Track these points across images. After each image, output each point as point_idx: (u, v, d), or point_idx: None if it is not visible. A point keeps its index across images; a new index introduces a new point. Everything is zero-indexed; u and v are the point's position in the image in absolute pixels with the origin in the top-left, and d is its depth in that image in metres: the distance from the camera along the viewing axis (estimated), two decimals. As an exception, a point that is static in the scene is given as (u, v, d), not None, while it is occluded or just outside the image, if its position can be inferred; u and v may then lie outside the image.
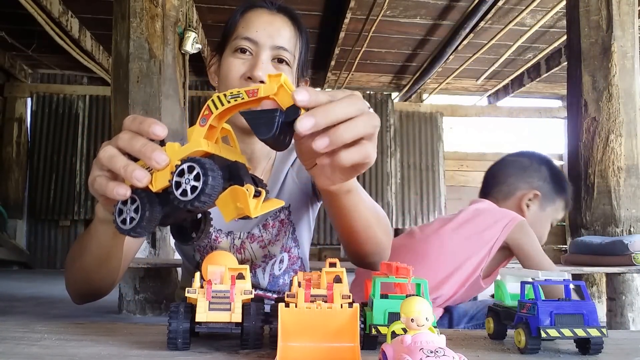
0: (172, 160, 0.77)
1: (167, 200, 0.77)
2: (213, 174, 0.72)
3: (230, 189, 0.76)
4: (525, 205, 2.13)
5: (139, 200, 0.79)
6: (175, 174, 0.74)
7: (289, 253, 1.59)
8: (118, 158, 0.82)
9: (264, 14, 1.44)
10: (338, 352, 0.71)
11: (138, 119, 0.84)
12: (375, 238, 1.21)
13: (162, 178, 0.77)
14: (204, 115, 0.77)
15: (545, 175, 2.17)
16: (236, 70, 1.40)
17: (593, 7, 4.15)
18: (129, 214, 0.79)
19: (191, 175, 0.72)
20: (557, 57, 8.53)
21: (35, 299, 5.52)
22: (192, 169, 0.73)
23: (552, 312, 0.79)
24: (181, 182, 0.73)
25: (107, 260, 1.13)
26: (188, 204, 0.72)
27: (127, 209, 0.80)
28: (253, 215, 0.76)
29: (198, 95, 9.85)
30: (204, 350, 0.79)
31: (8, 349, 0.78)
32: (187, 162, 0.73)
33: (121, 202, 0.81)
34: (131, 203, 0.79)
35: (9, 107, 9.64)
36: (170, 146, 0.79)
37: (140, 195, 0.79)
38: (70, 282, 1.24)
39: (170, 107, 4.41)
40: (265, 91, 0.74)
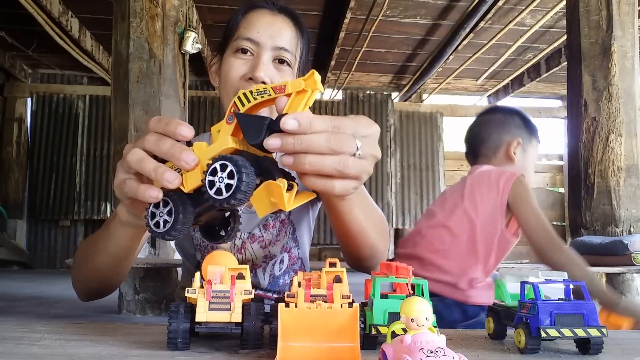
0: (201, 160, 0.77)
1: (199, 200, 0.78)
2: (246, 170, 0.72)
3: (264, 185, 0.76)
4: (512, 153, 2.38)
5: (172, 203, 0.78)
6: (208, 174, 0.74)
7: (289, 253, 1.59)
8: (147, 161, 0.81)
9: (265, 15, 1.44)
10: (338, 352, 0.71)
11: (164, 120, 0.83)
12: (369, 242, 1.20)
13: (193, 178, 0.77)
14: (230, 113, 0.77)
15: (519, 123, 2.45)
16: (237, 71, 1.40)
17: (593, 7, 4.16)
18: (162, 217, 0.79)
19: (224, 174, 0.72)
20: (557, 57, 8.53)
21: (35, 299, 5.52)
22: (225, 167, 0.72)
23: (552, 312, 0.79)
24: (215, 181, 0.73)
25: (124, 260, 1.15)
26: (224, 202, 0.72)
27: (160, 212, 0.79)
28: (287, 209, 0.76)
29: (198, 95, 9.85)
30: (203, 350, 0.79)
31: (8, 349, 0.78)
32: (220, 161, 0.73)
33: (153, 205, 0.80)
34: (164, 206, 0.79)
35: (9, 107, 9.64)
36: (198, 146, 0.79)
37: (172, 197, 0.78)
38: (80, 280, 1.26)
39: (171, 107, 4.41)
40: (293, 87, 0.75)
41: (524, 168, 2.39)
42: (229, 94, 1.41)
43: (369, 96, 10.29)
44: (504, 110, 2.54)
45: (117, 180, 0.87)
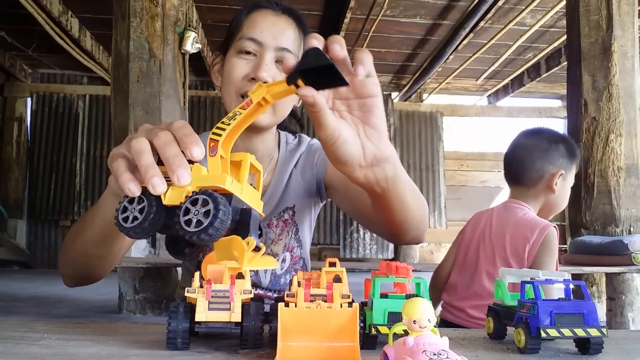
0: (193, 182, 0.76)
1: (171, 216, 0.76)
2: (223, 217, 0.71)
3: (231, 238, 0.75)
4: (554, 185, 2.34)
5: (147, 203, 0.77)
6: (189, 201, 0.72)
7: (291, 253, 1.59)
8: (146, 155, 0.79)
9: (269, 15, 1.44)
10: (338, 352, 0.71)
11: (186, 129, 0.81)
12: (418, 218, 1.16)
13: (176, 194, 0.76)
14: (211, 147, 0.76)
15: (563, 152, 2.36)
16: (240, 71, 1.39)
17: (593, 6, 4.15)
18: (133, 213, 0.77)
19: (202, 209, 0.71)
20: (557, 57, 8.53)
21: (35, 299, 5.52)
22: (206, 203, 0.71)
23: (552, 311, 0.79)
24: (190, 210, 0.72)
25: (110, 238, 1.11)
26: (187, 234, 0.71)
27: (133, 208, 0.77)
28: (243, 267, 0.76)
29: (198, 95, 9.85)
30: (203, 350, 0.79)
31: (8, 349, 0.78)
32: (205, 195, 0.72)
33: (128, 200, 0.78)
34: (138, 203, 0.77)
35: (9, 107, 9.65)
36: (197, 168, 0.77)
37: (149, 198, 0.77)
38: (67, 261, 1.22)
39: (170, 107, 4.41)
40: (257, 96, 0.77)
41: (561, 196, 2.41)
42: (231, 94, 1.41)
43: (369, 96, 10.28)
44: (549, 137, 2.45)
45: (114, 151, 0.86)
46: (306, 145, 1.65)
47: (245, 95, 1.37)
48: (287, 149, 1.62)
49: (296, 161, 1.60)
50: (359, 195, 1.21)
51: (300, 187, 1.58)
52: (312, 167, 1.58)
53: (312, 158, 1.59)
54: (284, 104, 1.45)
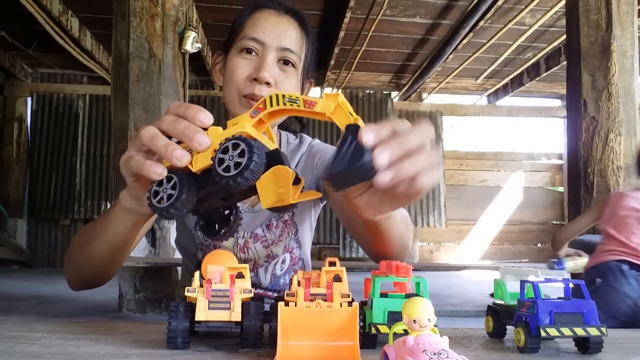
0: (214, 143, 0.77)
1: (204, 182, 0.78)
2: (258, 151, 0.72)
3: (274, 169, 0.76)
4: None
5: (177, 179, 0.77)
6: (219, 152, 0.74)
7: (291, 254, 1.59)
8: (159, 137, 0.81)
9: (271, 15, 1.43)
10: (337, 351, 0.71)
11: (184, 105, 0.84)
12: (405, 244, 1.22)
13: (203, 159, 0.77)
14: (257, 108, 0.78)
15: None
16: (242, 71, 1.39)
17: (592, 6, 4.16)
18: (166, 192, 0.78)
19: (236, 152, 0.73)
20: (556, 57, 8.53)
21: (35, 298, 5.52)
22: (237, 146, 0.73)
23: (551, 311, 0.79)
24: (224, 159, 0.73)
25: (120, 249, 1.13)
26: (230, 180, 0.72)
27: (164, 188, 0.78)
28: (292, 201, 0.77)
29: (198, 94, 9.85)
30: (203, 349, 0.79)
31: (8, 348, 0.78)
32: (233, 140, 0.74)
33: (156, 184, 0.79)
34: (168, 181, 0.78)
35: (9, 107, 9.64)
36: (214, 130, 0.79)
37: (177, 174, 0.78)
38: (72, 268, 1.24)
39: (170, 107, 4.41)
40: (322, 108, 0.75)
41: None
42: (233, 94, 1.41)
43: (368, 95, 10.29)
44: None
45: (124, 156, 0.87)
46: (307, 146, 1.64)
47: (247, 96, 1.38)
48: (288, 149, 1.62)
49: (297, 162, 1.60)
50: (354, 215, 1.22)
51: None
52: (313, 169, 1.57)
53: (313, 159, 1.58)
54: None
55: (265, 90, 1.36)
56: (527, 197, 11.09)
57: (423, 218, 10.29)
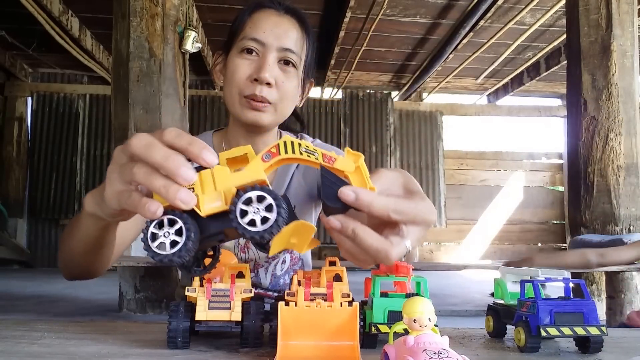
0: (224, 186, 0.70)
1: (210, 226, 0.71)
2: (285, 206, 0.69)
3: (295, 224, 0.71)
4: None
5: (182, 224, 0.69)
6: (242, 201, 0.68)
7: (291, 254, 1.59)
8: (156, 175, 0.70)
9: (271, 15, 1.43)
10: (338, 351, 0.71)
11: (186, 138, 0.72)
12: None
13: (211, 200, 0.70)
14: (269, 152, 0.73)
15: None
16: (242, 72, 1.38)
17: (592, 5, 4.15)
18: (169, 238, 0.69)
19: (262, 205, 0.68)
20: (556, 56, 8.53)
21: (35, 298, 5.52)
22: (263, 199, 0.68)
23: (551, 310, 0.79)
24: (248, 211, 0.68)
25: (97, 249, 1.09)
26: (257, 235, 0.68)
27: (166, 232, 0.69)
28: (303, 252, 0.76)
29: (198, 94, 9.84)
30: (203, 349, 0.79)
31: (8, 348, 0.78)
32: (256, 191, 0.69)
33: (154, 225, 0.70)
34: (170, 225, 0.70)
35: (10, 106, 9.64)
36: (220, 170, 0.71)
37: (182, 217, 0.70)
38: (62, 260, 1.22)
39: (171, 106, 4.41)
40: (343, 166, 0.72)
41: None
42: (233, 95, 1.40)
43: (368, 95, 10.29)
44: None
45: (112, 189, 0.76)
46: None
47: (247, 97, 1.38)
48: None
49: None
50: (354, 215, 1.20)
51: (301, 189, 1.58)
52: (314, 170, 1.56)
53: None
54: (286, 104, 1.44)
55: (266, 91, 1.36)
56: (527, 196, 11.09)
57: (423, 217, 10.27)
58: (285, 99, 1.42)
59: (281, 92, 1.40)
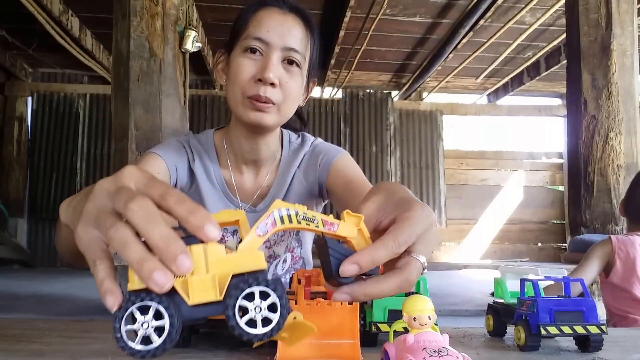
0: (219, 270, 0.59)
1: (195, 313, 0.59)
2: (287, 304, 0.59)
3: (293, 324, 0.65)
4: None
5: (166, 313, 0.57)
6: (242, 296, 0.58)
7: (292, 253, 1.59)
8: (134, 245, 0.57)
9: (275, 14, 1.40)
10: (338, 349, 0.71)
11: (187, 204, 0.59)
12: None
13: (201, 289, 0.58)
14: (263, 223, 0.64)
15: None
16: (246, 72, 1.35)
17: (592, 5, 4.16)
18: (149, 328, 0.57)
19: (265, 304, 0.58)
20: (556, 56, 8.53)
21: (36, 297, 5.52)
22: (266, 296, 0.58)
23: (551, 309, 0.80)
24: (249, 309, 0.58)
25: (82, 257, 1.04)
26: (254, 338, 0.58)
27: (145, 322, 0.57)
28: (290, 345, 0.69)
29: (198, 93, 9.84)
30: (204, 348, 0.79)
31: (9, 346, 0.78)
32: (260, 287, 0.58)
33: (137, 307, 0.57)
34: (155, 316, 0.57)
35: (10, 106, 9.64)
36: (215, 248, 0.59)
37: (164, 303, 0.57)
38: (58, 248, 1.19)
39: (171, 106, 4.41)
40: (345, 232, 0.68)
41: None
42: (237, 95, 1.38)
43: (369, 95, 10.28)
44: None
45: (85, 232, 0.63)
46: (310, 146, 1.63)
47: (251, 97, 1.35)
48: (290, 149, 1.60)
49: (299, 162, 1.58)
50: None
51: (302, 189, 1.57)
52: (316, 169, 1.56)
53: (316, 159, 1.57)
54: (290, 104, 1.42)
55: (270, 91, 1.34)
56: (528, 196, 11.08)
57: (423, 217, 10.26)
58: (290, 99, 1.39)
59: (285, 93, 1.37)
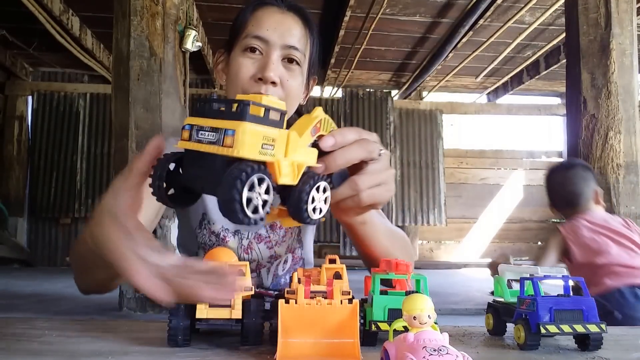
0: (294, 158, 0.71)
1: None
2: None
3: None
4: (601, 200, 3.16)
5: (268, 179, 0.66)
6: (315, 187, 0.74)
7: (293, 254, 1.59)
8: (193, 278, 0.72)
9: (274, 13, 1.40)
10: (338, 348, 0.71)
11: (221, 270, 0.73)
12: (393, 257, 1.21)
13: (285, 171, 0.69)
14: (316, 127, 0.79)
15: (593, 174, 3.22)
16: (246, 71, 1.36)
17: (592, 4, 4.15)
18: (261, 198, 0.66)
19: (323, 196, 0.75)
20: (556, 55, 8.52)
21: (36, 297, 5.52)
22: (325, 190, 0.75)
23: (551, 308, 0.80)
24: (315, 198, 0.74)
25: None
26: (311, 223, 0.74)
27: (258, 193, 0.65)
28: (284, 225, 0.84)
29: (199, 93, 9.84)
30: (204, 347, 0.79)
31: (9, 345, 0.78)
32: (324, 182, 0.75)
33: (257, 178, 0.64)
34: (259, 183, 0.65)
35: (10, 105, 9.63)
36: (294, 137, 0.72)
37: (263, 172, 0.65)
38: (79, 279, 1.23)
39: (171, 105, 4.41)
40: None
41: None
42: (236, 94, 1.36)
43: (368, 94, 10.28)
44: (581, 166, 3.28)
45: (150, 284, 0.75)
46: None
47: None
48: None
49: None
50: None
51: None
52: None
53: None
54: (290, 102, 1.41)
55: (272, 90, 1.34)
56: (527, 195, 11.08)
57: (423, 216, 10.28)
58: (290, 97, 1.39)
59: (286, 91, 1.38)
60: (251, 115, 0.65)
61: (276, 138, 0.67)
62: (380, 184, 0.96)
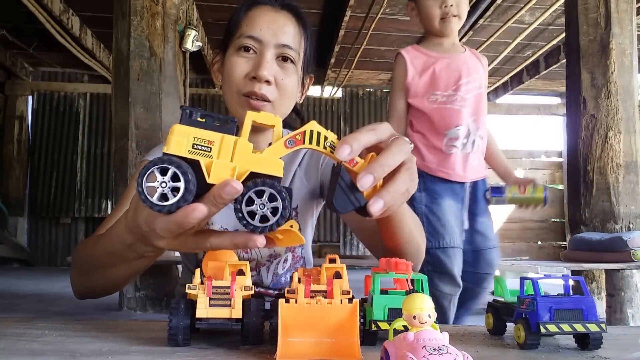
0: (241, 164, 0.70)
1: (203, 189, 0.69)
2: (287, 213, 0.70)
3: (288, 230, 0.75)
4: None
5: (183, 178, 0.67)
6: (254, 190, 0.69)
7: (293, 253, 1.59)
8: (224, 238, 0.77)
9: (268, 12, 1.40)
10: (338, 348, 0.71)
11: None
12: (416, 241, 1.21)
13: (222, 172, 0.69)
14: (294, 138, 0.75)
15: None
16: (240, 70, 1.37)
17: (591, 4, 4.15)
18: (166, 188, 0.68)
19: (270, 204, 0.69)
20: (556, 55, 8.52)
21: (36, 296, 5.52)
22: (274, 199, 0.69)
23: (551, 307, 0.80)
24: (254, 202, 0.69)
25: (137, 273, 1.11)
26: (247, 226, 0.70)
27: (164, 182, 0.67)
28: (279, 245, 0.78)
29: (199, 93, 9.85)
30: (204, 346, 0.79)
31: (9, 345, 0.78)
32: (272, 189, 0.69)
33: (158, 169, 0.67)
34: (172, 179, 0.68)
35: (10, 105, 9.64)
36: (244, 145, 0.71)
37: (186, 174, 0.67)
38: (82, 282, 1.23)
39: (171, 105, 4.42)
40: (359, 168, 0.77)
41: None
42: (232, 94, 1.39)
43: (368, 94, 10.29)
44: None
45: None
46: None
47: (246, 95, 1.36)
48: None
49: (300, 160, 1.58)
50: None
51: (304, 188, 1.56)
52: (317, 169, 1.56)
53: (318, 159, 1.57)
54: (286, 101, 1.42)
55: (265, 89, 1.35)
56: (527, 194, 11.07)
57: (423, 216, 10.28)
58: (285, 96, 1.40)
59: (281, 90, 1.38)
60: (189, 119, 0.69)
61: (214, 141, 0.69)
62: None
